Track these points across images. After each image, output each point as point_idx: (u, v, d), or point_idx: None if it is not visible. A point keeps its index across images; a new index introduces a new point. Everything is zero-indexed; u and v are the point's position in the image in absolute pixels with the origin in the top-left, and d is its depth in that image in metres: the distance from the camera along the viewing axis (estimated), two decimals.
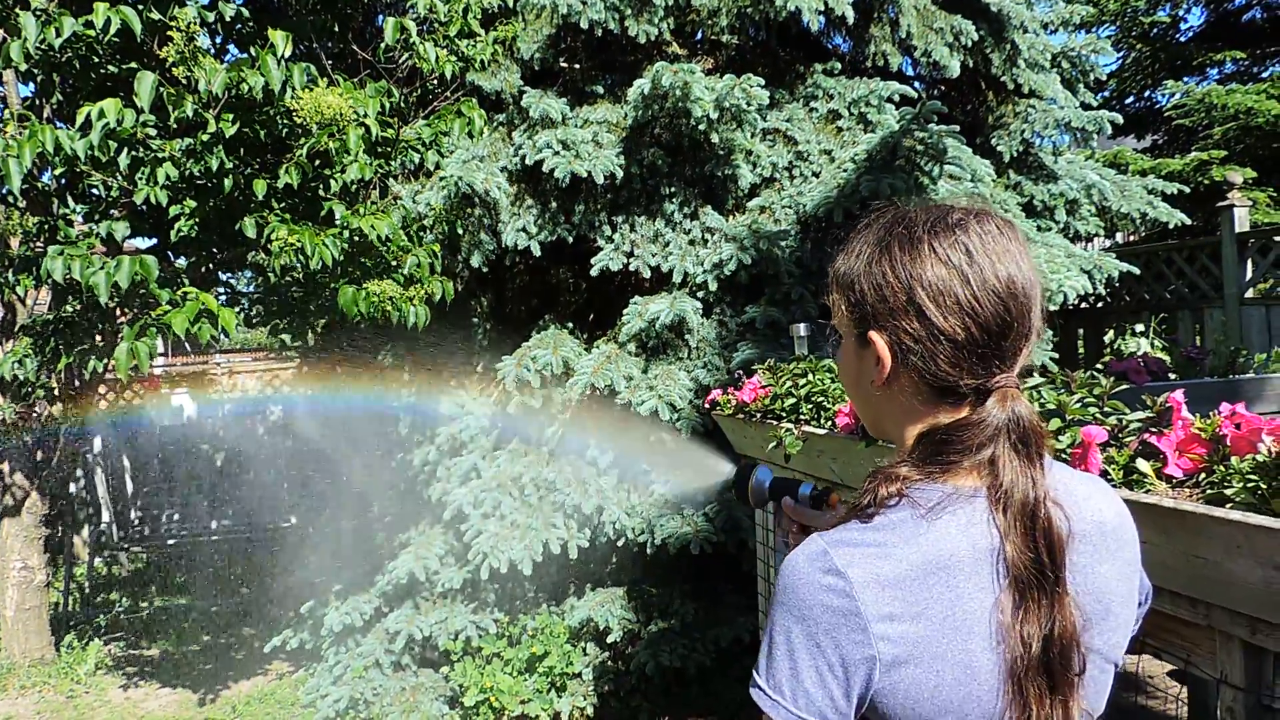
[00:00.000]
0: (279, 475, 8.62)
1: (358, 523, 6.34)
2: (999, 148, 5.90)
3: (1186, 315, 6.37)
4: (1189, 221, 5.79)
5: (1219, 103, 7.66)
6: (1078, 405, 1.74)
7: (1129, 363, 2.69)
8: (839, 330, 0.98)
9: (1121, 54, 10.51)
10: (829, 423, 2.75)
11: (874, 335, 0.90)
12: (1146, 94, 10.36)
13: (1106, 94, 10.38)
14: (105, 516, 8.12)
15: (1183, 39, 10.38)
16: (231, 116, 3.48)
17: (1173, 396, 1.58)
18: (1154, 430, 1.59)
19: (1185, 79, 9.23)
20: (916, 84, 6.38)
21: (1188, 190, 6.30)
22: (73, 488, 7.78)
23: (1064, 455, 1.57)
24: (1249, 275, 5.98)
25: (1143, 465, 1.54)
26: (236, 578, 8.22)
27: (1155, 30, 10.03)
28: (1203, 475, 1.49)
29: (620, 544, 4.98)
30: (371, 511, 6.25)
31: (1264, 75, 9.53)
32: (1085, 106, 6.24)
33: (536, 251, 5.08)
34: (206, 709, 5.59)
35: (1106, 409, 1.74)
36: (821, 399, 2.84)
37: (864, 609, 0.81)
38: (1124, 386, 1.81)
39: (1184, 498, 1.46)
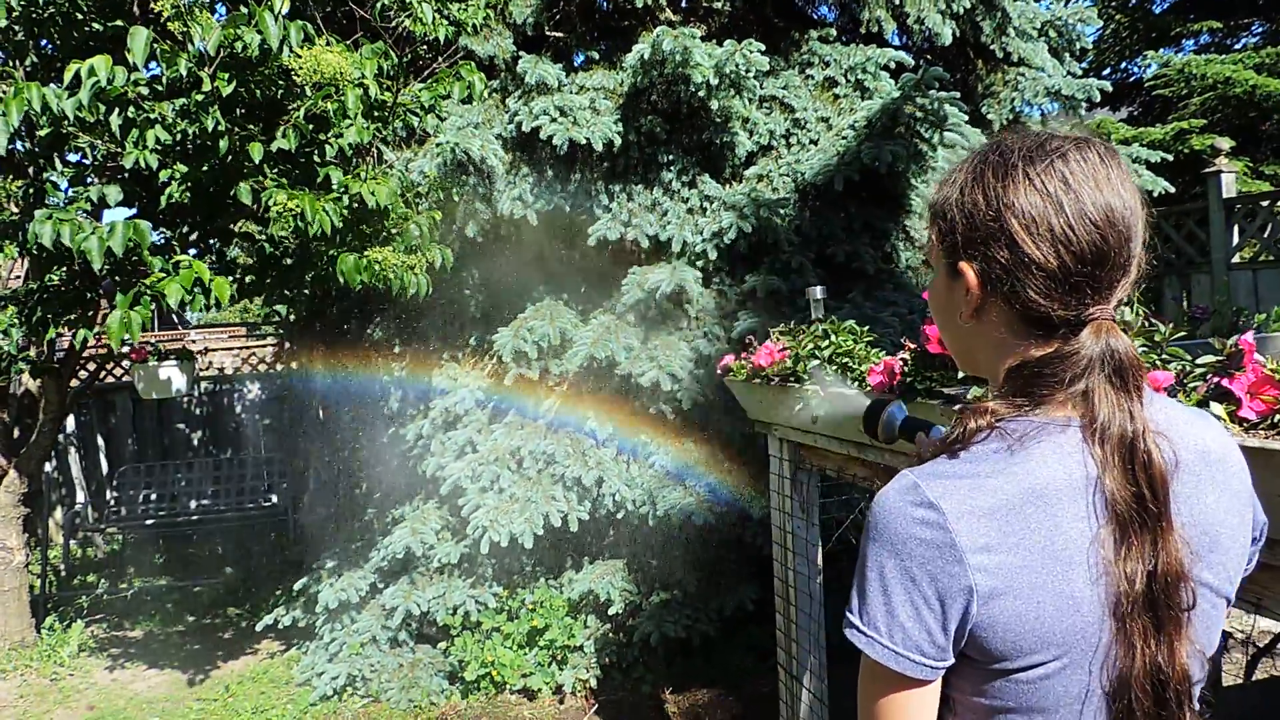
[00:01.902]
0: (266, 452, 8.46)
1: (349, 499, 6.24)
2: (989, 116, 5.90)
3: (1174, 281, 6.48)
4: (1172, 190, 5.86)
5: (1198, 72, 7.78)
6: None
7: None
8: (931, 262, 0.97)
9: (1100, 26, 10.63)
10: (856, 383, 2.73)
11: (964, 265, 0.89)
12: (1123, 65, 10.50)
13: (1085, 66, 10.49)
14: (80, 497, 7.91)
15: (1158, 9, 10.53)
16: (227, 76, 3.35)
17: (1243, 339, 1.58)
18: (1224, 373, 1.58)
19: (1162, 50, 9.36)
20: (905, 53, 6.35)
21: (1170, 158, 6.37)
22: (47, 466, 7.55)
23: None
24: (1236, 240, 6.07)
25: (1216, 409, 1.54)
26: (222, 557, 8.08)
27: (1133, 0, 10.15)
28: (1278, 417, 1.49)
29: (620, 516, 4.96)
30: (362, 488, 6.15)
31: (1237, 46, 9.71)
32: (1071, 75, 6.26)
33: (533, 220, 4.99)
34: (197, 689, 5.49)
35: (1166, 355, 1.74)
36: (846, 360, 2.82)
37: (959, 540, 0.79)
38: (1182, 333, 1.80)
39: (1261, 438, 1.46)
